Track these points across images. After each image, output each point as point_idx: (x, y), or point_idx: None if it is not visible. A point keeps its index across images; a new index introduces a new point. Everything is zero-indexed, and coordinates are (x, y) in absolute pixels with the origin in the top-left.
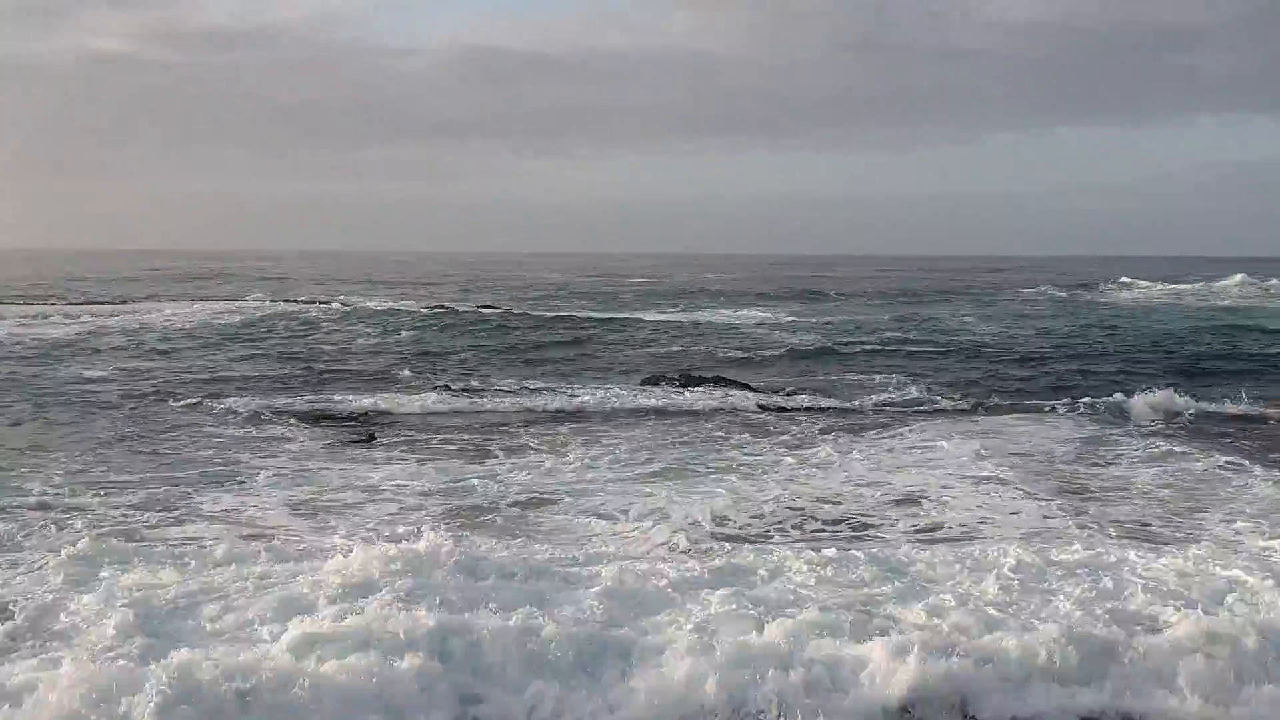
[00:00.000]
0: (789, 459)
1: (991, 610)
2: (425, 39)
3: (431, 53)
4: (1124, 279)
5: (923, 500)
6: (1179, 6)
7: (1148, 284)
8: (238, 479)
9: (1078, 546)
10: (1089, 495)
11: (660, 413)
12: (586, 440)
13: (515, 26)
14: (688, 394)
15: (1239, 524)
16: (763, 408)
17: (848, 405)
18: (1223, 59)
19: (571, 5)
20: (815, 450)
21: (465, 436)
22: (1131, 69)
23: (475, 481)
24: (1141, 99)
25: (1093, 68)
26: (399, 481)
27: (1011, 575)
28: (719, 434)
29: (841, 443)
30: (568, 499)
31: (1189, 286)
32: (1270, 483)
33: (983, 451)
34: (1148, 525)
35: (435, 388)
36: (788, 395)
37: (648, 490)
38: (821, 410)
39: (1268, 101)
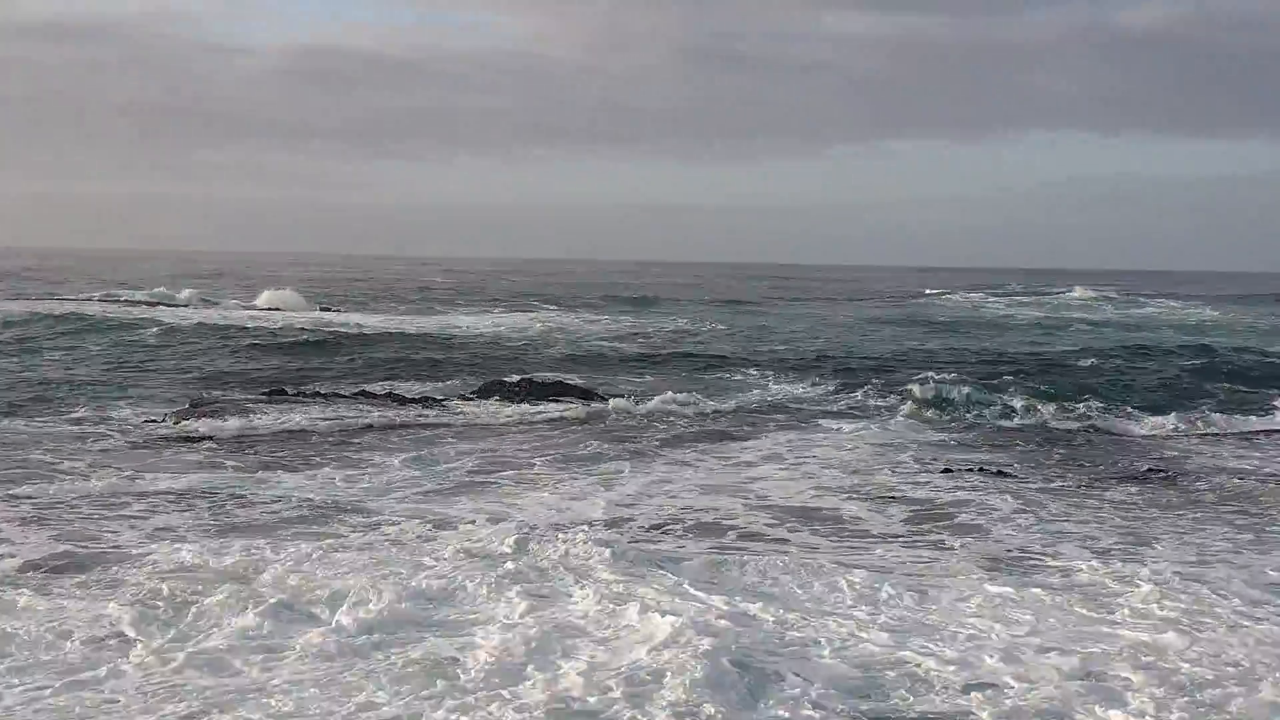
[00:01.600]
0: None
1: None
2: (263, 39)
3: (269, 53)
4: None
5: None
6: (1010, 25)
7: (965, 294)
8: None
9: None
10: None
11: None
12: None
13: (354, 27)
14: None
15: None
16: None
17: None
18: (1051, 77)
19: (411, 8)
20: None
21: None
22: (967, 85)
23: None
24: (977, 114)
25: (930, 83)
26: None
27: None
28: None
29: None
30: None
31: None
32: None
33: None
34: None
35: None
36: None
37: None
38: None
39: (1091, 119)
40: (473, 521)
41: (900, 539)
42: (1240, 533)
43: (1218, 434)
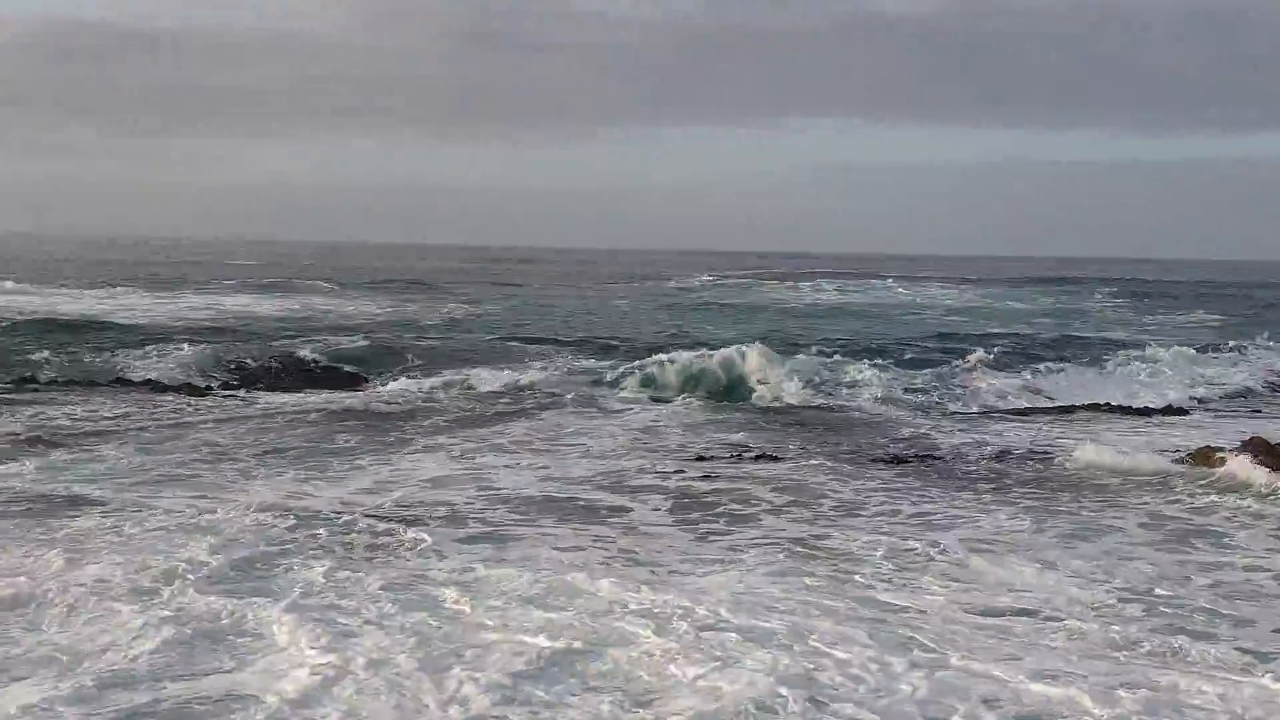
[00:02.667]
0: None
1: None
2: (4, 9)
3: (10, 23)
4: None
5: None
6: (770, 13)
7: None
8: None
9: None
10: None
11: None
12: None
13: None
14: None
15: None
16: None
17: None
18: (810, 63)
19: None
20: None
21: None
22: (730, 71)
23: None
24: (739, 100)
25: (694, 68)
26: None
27: None
28: None
29: None
30: None
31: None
32: None
33: None
34: None
35: None
36: None
37: None
38: None
39: (848, 107)
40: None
41: (655, 525)
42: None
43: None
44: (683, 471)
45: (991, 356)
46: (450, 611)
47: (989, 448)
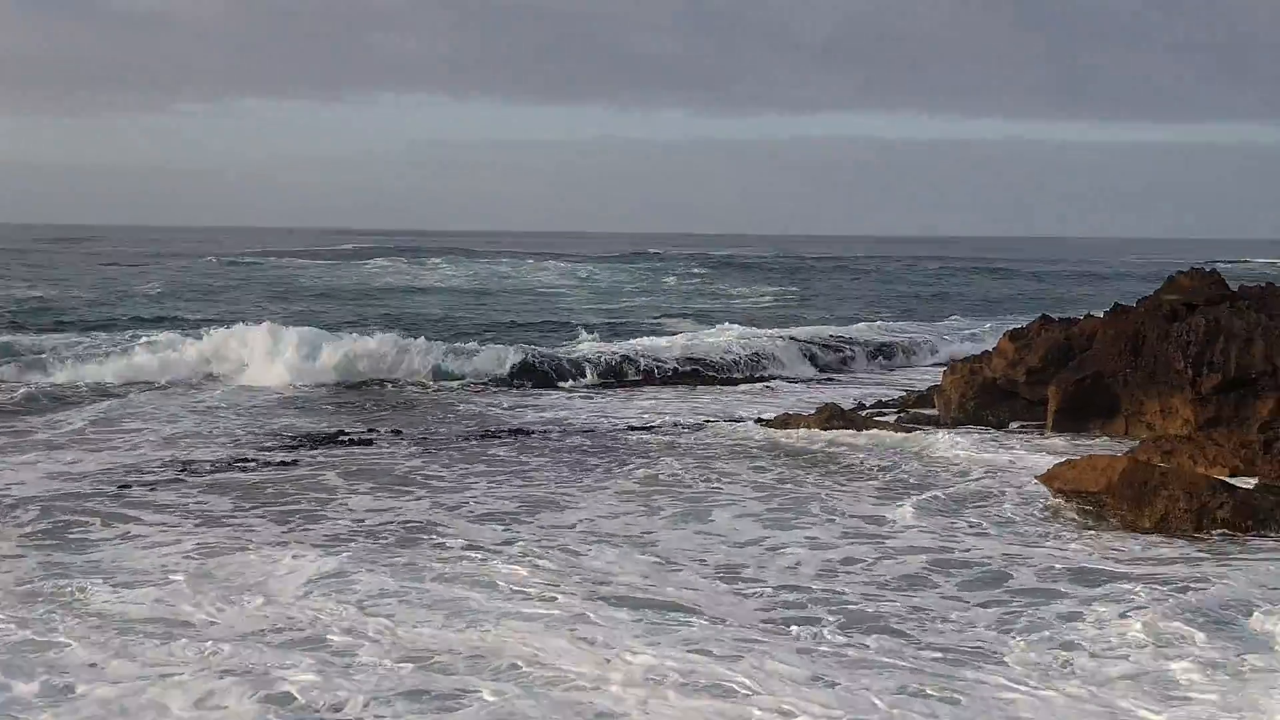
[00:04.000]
0: None
1: None
2: None
3: None
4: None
5: None
6: None
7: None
8: None
9: None
10: None
11: None
12: None
13: None
14: None
15: None
16: None
17: None
18: (404, 40)
19: None
20: None
21: None
22: (322, 45)
23: None
24: (332, 75)
25: (283, 41)
26: None
27: None
28: None
29: None
30: None
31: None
32: None
33: None
34: None
35: None
36: None
37: None
38: None
39: (439, 83)
40: None
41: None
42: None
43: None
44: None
45: (595, 335)
46: None
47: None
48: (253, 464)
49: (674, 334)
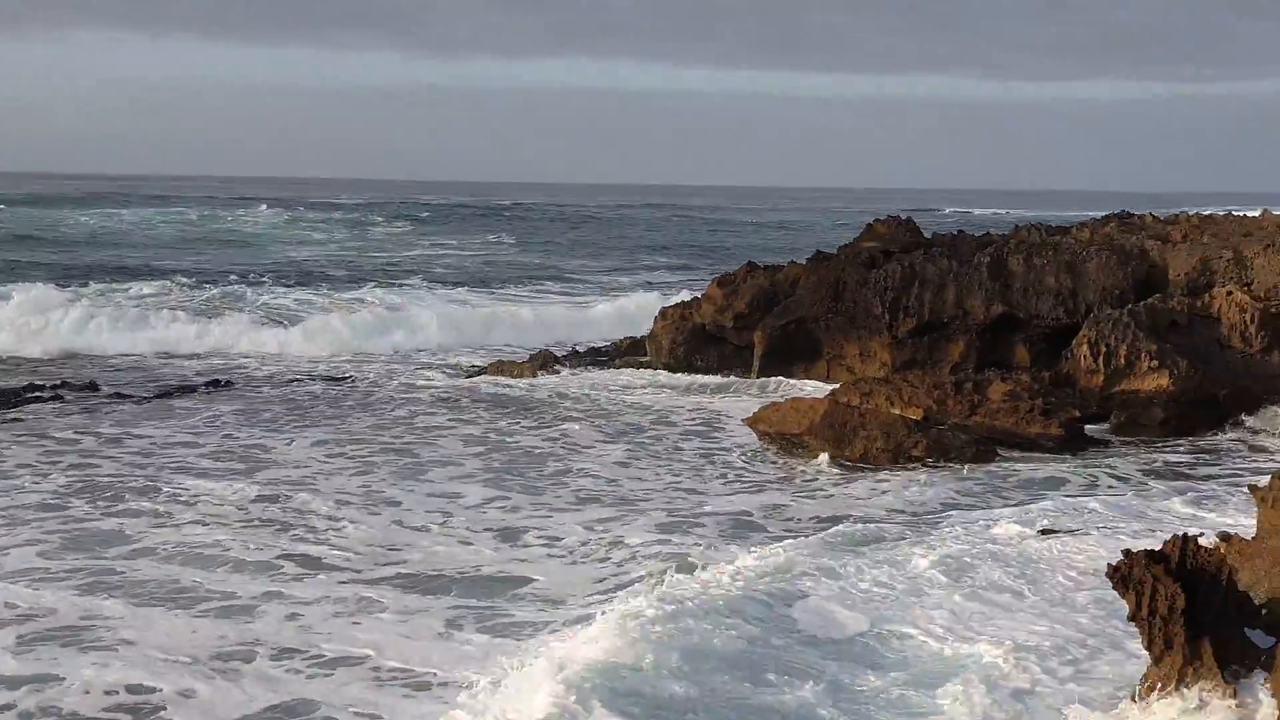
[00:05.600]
0: None
1: None
2: None
3: None
4: None
5: None
6: None
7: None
8: None
9: None
10: None
11: None
12: None
13: None
14: None
15: None
16: None
17: None
18: None
19: None
20: None
21: None
22: None
23: None
24: (10, 10)
25: None
26: None
27: None
28: None
29: None
30: None
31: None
32: None
33: None
34: None
35: None
36: None
37: None
38: None
39: (136, 21)
40: None
41: None
42: None
43: None
44: None
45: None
46: None
47: None
48: None
49: None
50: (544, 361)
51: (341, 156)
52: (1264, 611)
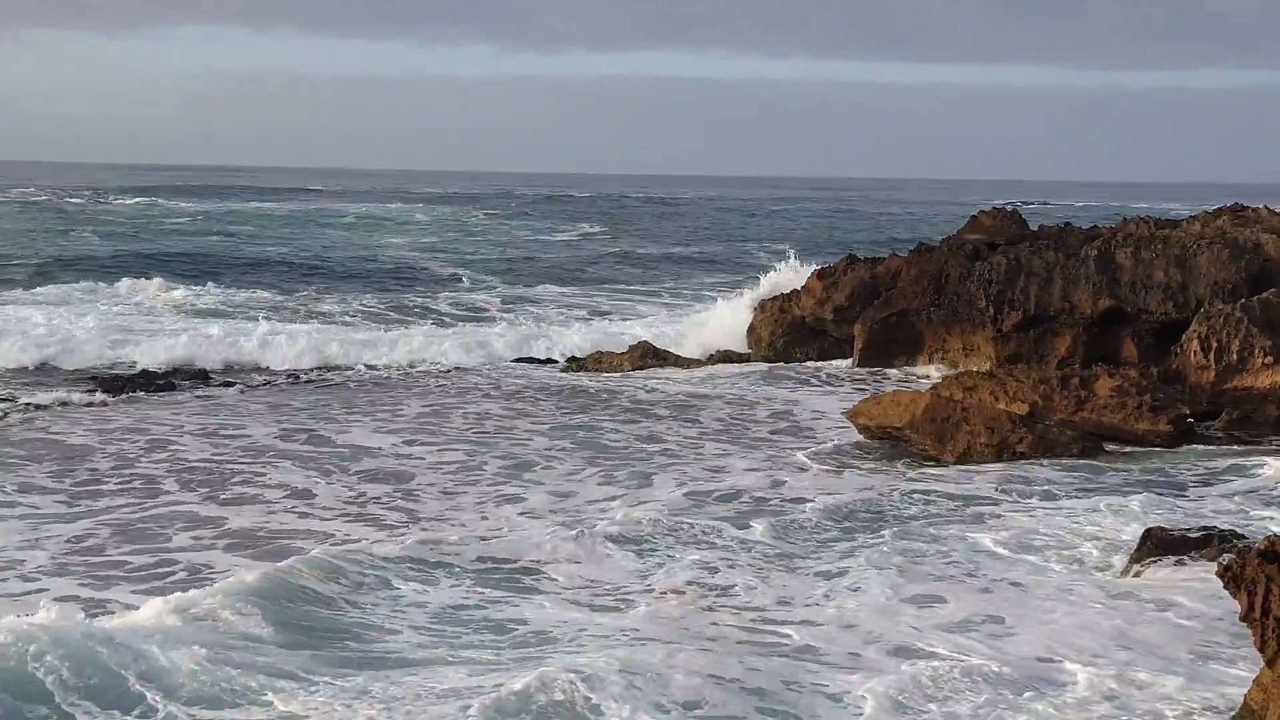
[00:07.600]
0: None
1: None
2: None
3: None
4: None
5: None
6: None
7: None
8: None
9: None
10: None
11: None
12: None
13: None
14: None
15: None
16: None
17: None
18: None
19: None
20: None
21: None
22: None
23: None
24: (118, 7)
25: None
26: None
27: None
28: None
29: None
30: None
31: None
32: None
33: None
34: None
35: None
36: None
37: None
38: None
39: (241, 14)
40: None
41: None
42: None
43: None
44: None
45: None
46: None
47: None
48: None
49: None
50: (644, 353)
51: (450, 148)
52: None
